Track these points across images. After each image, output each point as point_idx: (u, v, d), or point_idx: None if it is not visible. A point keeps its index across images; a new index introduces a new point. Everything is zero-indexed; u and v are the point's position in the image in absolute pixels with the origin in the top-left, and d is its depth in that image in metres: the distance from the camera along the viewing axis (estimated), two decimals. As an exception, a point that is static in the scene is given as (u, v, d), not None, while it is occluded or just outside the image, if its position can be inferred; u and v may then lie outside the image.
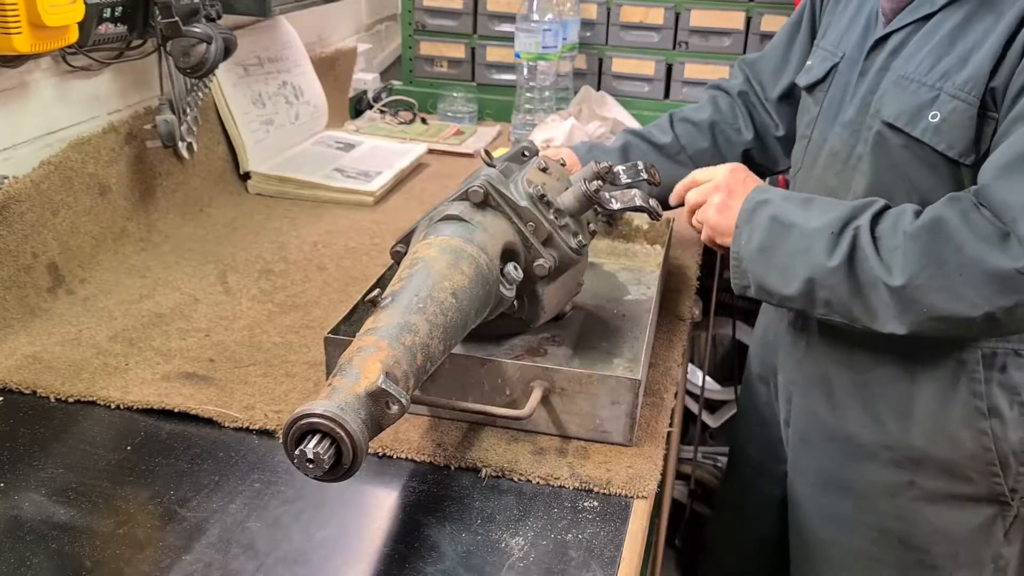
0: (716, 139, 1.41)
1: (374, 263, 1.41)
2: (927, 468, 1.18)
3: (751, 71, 1.44)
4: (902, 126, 1.07)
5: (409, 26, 2.30)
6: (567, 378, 0.96)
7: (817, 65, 1.25)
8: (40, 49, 1.12)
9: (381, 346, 0.79)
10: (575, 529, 0.85)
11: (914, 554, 1.23)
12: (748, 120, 1.42)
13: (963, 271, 0.96)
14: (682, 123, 1.41)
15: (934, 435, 1.16)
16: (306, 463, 0.72)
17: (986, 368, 1.13)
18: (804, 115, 1.29)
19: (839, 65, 1.21)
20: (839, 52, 1.22)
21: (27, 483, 0.89)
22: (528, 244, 1.02)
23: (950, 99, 1.03)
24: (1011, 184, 0.96)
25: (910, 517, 1.21)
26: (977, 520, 1.19)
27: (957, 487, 1.18)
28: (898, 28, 1.12)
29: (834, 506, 1.28)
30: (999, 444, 1.14)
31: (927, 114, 1.05)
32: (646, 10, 2.14)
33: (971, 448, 1.15)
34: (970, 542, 1.21)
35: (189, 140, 1.54)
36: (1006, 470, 1.15)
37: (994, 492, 1.17)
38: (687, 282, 1.40)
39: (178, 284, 1.32)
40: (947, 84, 1.04)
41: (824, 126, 1.21)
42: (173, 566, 0.79)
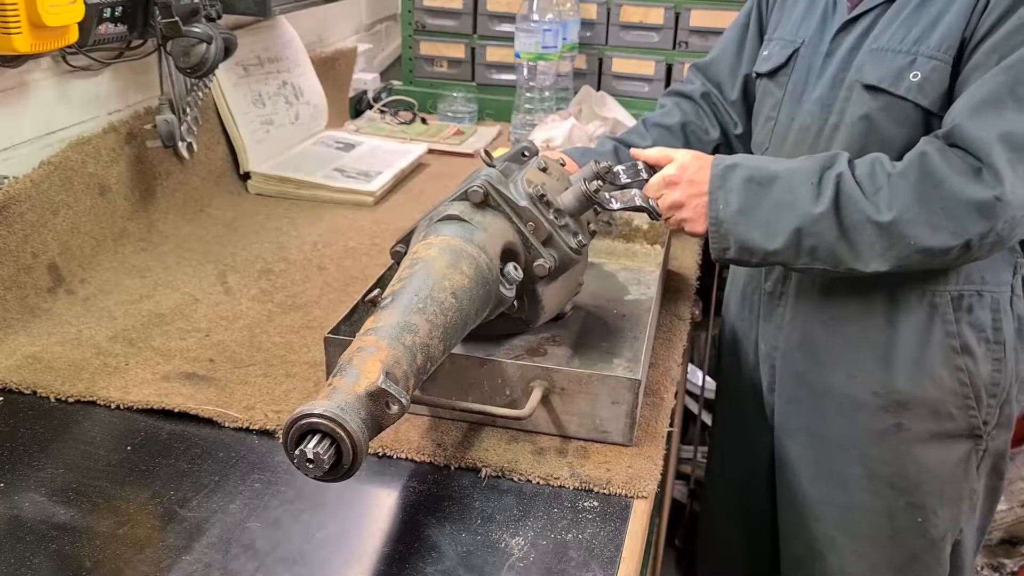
0: (688, 139, 1.46)
1: (374, 263, 1.41)
2: (912, 409, 1.26)
3: (706, 75, 1.51)
4: (887, 87, 1.16)
5: (409, 26, 2.30)
6: (567, 378, 0.96)
7: (777, 53, 1.34)
8: (40, 49, 1.12)
9: (381, 346, 0.79)
10: (575, 529, 0.85)
11: (903, 496, 1.30)
12: (714, 119, 1.48)
13: (945, 203, 1.06)
14: (656, 128, 1.46)
15: (916, 376, 1.25)
16: (306, 463, 0.72)
17: (955, 310, 1.23)
18: (767, 99, 1.36)
19: (800, 50, 1.30)
20: (798, 38, 1.31)
21: (27, 483, 0.89)
22: (528, 244, 1.02)
23: (927, 60, 1.13)
24: (981, 122, 1.06)
25: (898, 460, 1.29)
26: (957, 455, 1.28)
27: (940, 424, 1.26)
28: (866, 10, 1.22)
29: (825, 463, 1.34)
30: (973, 379, 1.25)
31: (908, 75, 1.14)
32: (646, 10, 2.14)
33: (950, 385, 1.24)
34: (952, 478, 1.30)
35: (189, 140, 1.54)
36: (979, 404, 1.26)
37: (971, 426, 1.27)
38: (687, 282, 1.40)
39: (178, 284, 1.32)
40: (922, 48, 1.14)
41: (791, 106, 1.30)
42: (173, 566, 0.79)
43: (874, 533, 1.34)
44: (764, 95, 1.38)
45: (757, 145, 1.39)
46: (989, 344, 1.24)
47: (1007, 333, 1.25)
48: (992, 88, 1.07)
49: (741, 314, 1.47)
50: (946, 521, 1.32)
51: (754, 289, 1.42)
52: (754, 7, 1.46)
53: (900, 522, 1.32)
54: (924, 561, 1.34)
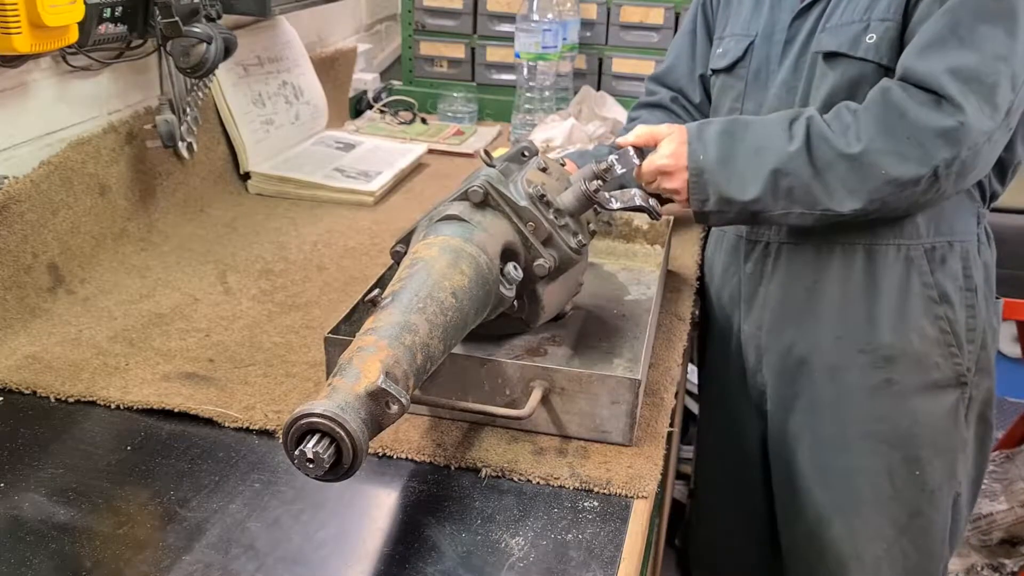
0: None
1: (374, 263, 1.41)
2: (900, 362, 1.30)
3: (665, 84, 1.56)
4: (845, 51, 1.22)
5: (409, 26, 2.30)
6: (567, 378, 0.96)
7: (732, 48, 1.38)
8: (40, 49, 1.12)
9: (381, 346, 0.79)
10: (575, 529, 0.85)
11: (899, 451, 1.34)
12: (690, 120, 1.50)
13: (910, 132, 1.12)
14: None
15: (901, 329, 1.29)
16: (306, 463, 0.72)
17: (930, 261, 1.28)
18: (727, 92, 1.41)
19: (755, 41, 1.35)
20: (751, 32, 1.36)
21: (27, 483, 0.89)
22: (528, 244, 1.02)
23: (880, 23, 1.20)
24: (931, 60, 1.13)
25: (892, 415, 1.33)
26: (946, 405, 1.33)
27: (927, 375, 1.31)
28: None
29: (821, 429, 1.37)
30: (953, 326, 1.30)
31: (864, 38, 1.21)
32: (646, 10, 2.14)
33: (933, 334, 1.29)
34: (943, 428, 1.34)
35: (189, 140, 1.54)
36: (961, 350, 1.30)
37: (956, 373, 1.31)
38: (687, 282, 1.40)
39: (178, 284, 1.32)
40: (874, 14, 1.21)
41: (756, 95, 1.35)
42: (173, 566, 0.79)
43: (876, 494, 1.36)
44: (724, 89, 1.42)
45: None
46: (963, 291, 1.29)
47: (977, 280, 1.31)
48: (935, 30, 1.14)
49: (721, 303, 1.49)
50: (941, 472, 1.35)
51: (733, 274, 1.45)
52: (698, 12, 1.52)
53: (899, 479, 1.35)
54: (926, 514, 1.37)
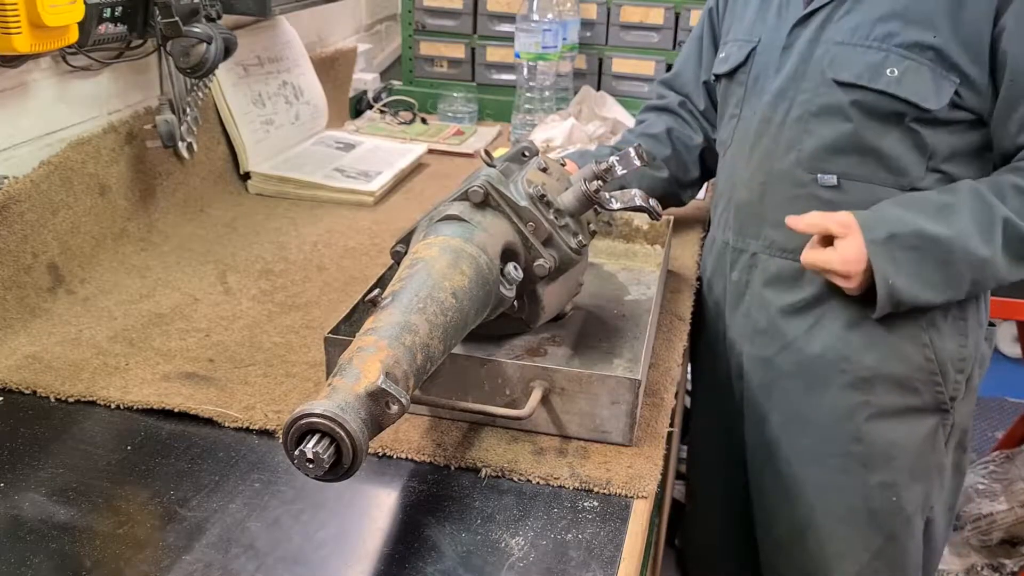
0: (675, 145, 1.51)
1: (374, 263, 1.41)
2: (879, 385, 1.29)
3: (673, 88, 1.55)
4: (865, 83, 1.19)
5: (409, 26, 2.30)
6: (567, 378, 0.96)
7: (734, 53, 1.37)
8: (40, 49, 1.12)
9: (381, 346, 0.79)
10: (575, 529, 0.85)
11: (875, 475, 1.32)
12: (696, 126, 1.53)
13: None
14: (642, 137, 1.51)
15: (883, 352, 1.27)
16: (306, 463, 0.72)
17: None
18: (729, 99, 1.39)
19: (757, 47, 1.33)
20: (754, 37, 1.34)
21: (27, 483, 0.89)
22: (528, 244, 1.02)
23: (901, 59, 1.17)
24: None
25: (868, 437, 1.31)
26: (924, 430, 1.31)
27: (907, 400, 1.29)
28: (822, 5, 1.25)
29: (795, 443, 1.36)
30: (939, 354, 1.27)
31: (884, 71, 1.18)
32: (646, 10, 2.14)
33: (916, 360, 1.27)
34: (920, 453, 1.32)
35: (189, 140, 1.54)
36: (946, 378, 1.29)
37: (937, 401, 1.30)
38: (687, 282, 1.40)
39: (178, 284, 1.32)
40: (892, 45, 1.18)
41: (753, 102, 1.33)
42: (173, 566, 0.79)
43: (850, 513, 1.36)
44: (726, 95, 1.41)
45: (721, 143, 1.43)
46: (954, 320, 1.27)
47: (969, 309, 1.29)
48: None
49: (710, 306, 1.49)
50: (917, 497, 1.34)
51: (720, 279, 1.44)
52: (706, 19, 1.51)
53: (875, 502, 1.34)
54: (901, 540, 1.36)
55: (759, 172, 1.32)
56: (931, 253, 1.17)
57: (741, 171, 1.35)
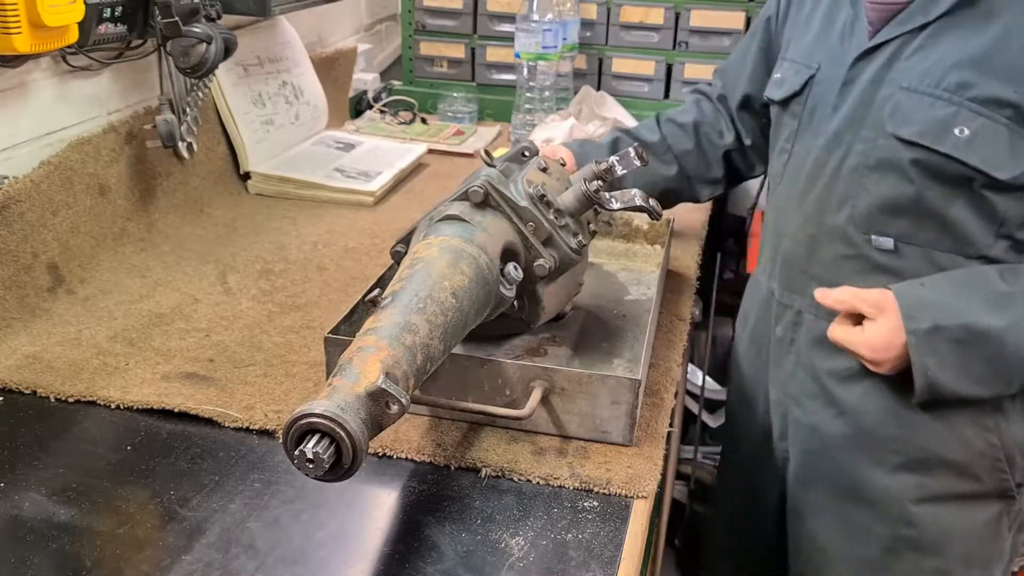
0: (700, 140, 1.41)
1: (374, 263, 1.41)
2: (937, 469, 1.17)
3: (723, 79, 1.44)
4: (928, 143, 1.05)
5: (409, 26, 2.30)
6: (567, 378, 0.96)
7: (790, 78, 1.23)
8: (40, 49, 1.12)
9: (381, 346, 0.79)
10: (575, 529, 0.85)
11: (929, 561, 1.21)
12: (730, 124, 1.42)
13: None
14: (668, 123, 1.42)
15: (941, 434, 1.15)
16: (306, 463, 0.72)
17: None
18: (781, 130, 1.27)
19: (816, 76, 1.19)
20: (813, 63, 1.20)
21: (27, 483, 0.89)
22: (528, 244, 1.02)
23: (974, 116, 1.02)
24: None
25: (922, 521, 1.19)
26: (985, 517, 1.19)
27: (966, 486, 1.17)
28: (889, 39, 1.10)
29: (844, 516, 1.25)
30: (1004, 439, 1.14)
31: (952, 130, 1.03)
32: (646, 10, 2.14)
33: (979, 446, 1.14)
34: (980, 540, 1.20)
35: (189, 140, 1.54)
36: (1012, 465, 1.16)
37: (1002, 488, 1.17)
38: (687, 282, 1.40)
39: (178, 284, 1.32)
40: (966, 99, 1.02)
41: (807, 140, 1.20)
42: (173, 566, 0.79)
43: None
44: (778, 124, 1.28)
45: (773, 176, 1.31)
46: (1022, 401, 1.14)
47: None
48: None
49: (750, 356, 1.39)
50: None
51: (764, 333, 1.33)
52: (761, 26, 1.37)
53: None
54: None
55: (808, 224, 1.19)
56: (980, 348, 1.04)
57: (790, 219, 1.23)
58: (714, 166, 1.42)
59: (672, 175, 1.40)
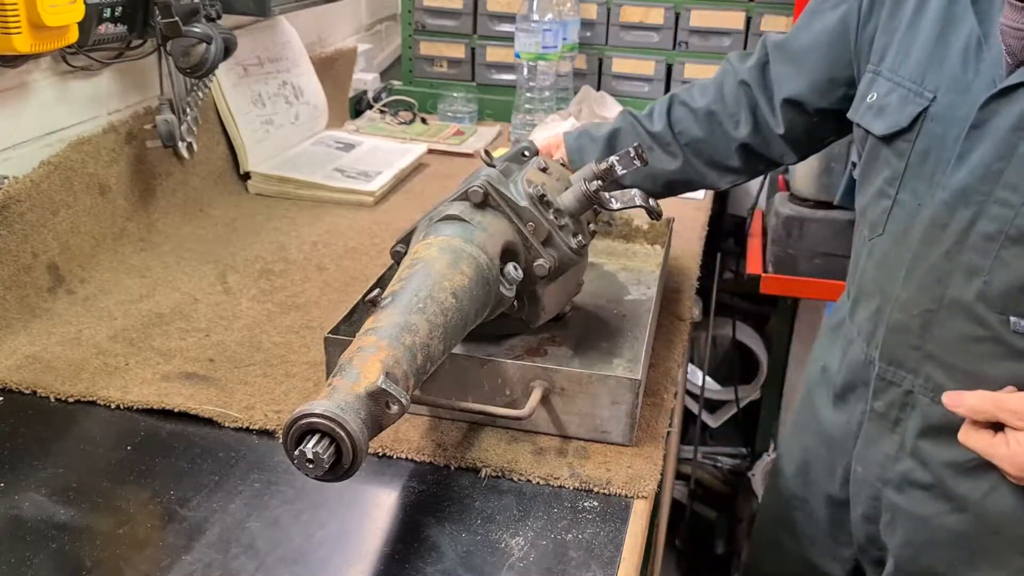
0: (713, 130, 1.22)
1: (374, 263, 1.41)
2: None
3: (773, 55, 1.19)
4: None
5: (409, 26, 2.30)
6: (567, 378, 0.96)
7: (894, 106, 1.00)
8: (40, 49, 1.12)
9: (381, 346, 0.79)
10: (575, 529, 0.85)
11: None
12: (749, 114, 1.21)
13: None
14: (681, 107, 1.24)
15: None
16: (306, 463, 0.72)
17: None
18: (880, 167, 1.05)
19: (930, 109, 0.96)
20: (926, 91, 0.97)
21: (27, 483, 0.89)
22: (528, 244, 1.02)
23: None
24: None
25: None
26: None
27: None
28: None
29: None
30: None
31: None
32: (646, 10, 2.14)
33: None
34: None
35: (189, 140, 1.54)
36: None
37: None
38: (687, 282, 1.40)
39: (178, 284, 1.32)
40: None
41: (918, 187, 0.98)
42: (173, 566, 0.79)
43: None
44: (877, 160, 1.05)
45: (871, 223, 1.08)
46: None
47: None
48: None
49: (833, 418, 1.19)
50: None
51: (857, 400, 1.13)
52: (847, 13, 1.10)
53: None
54: None
55: (924, 296, 0.99)
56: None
57: (898, 282, 1.02)
58: (729, 157, 1.24)
59: (676, 167, 1.24)
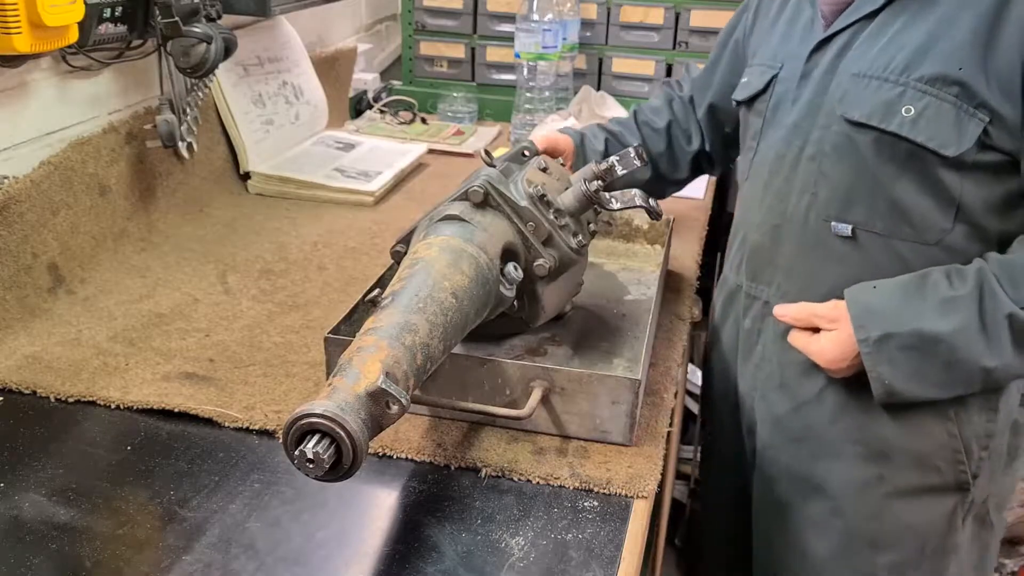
0: (671, 143, 1.44)
1: (374, 263, 1.41)
2: (897, 461, 1.18)
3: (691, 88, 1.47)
4: (876, 123, 1.07)
5: (409, 26, 2.30)
6: (567, 378, 0.96)
7: (755, 79, 1.26)
8: (40, 49, 1.12)
9: (381, 346, 0.79)
10: (575, 529, 0.85)
11: (884, 555, 1.22)
12: (697, 128, 1.45)
13: None
14: (645, 126, 1.45)
15: (902, 426, 1.16)
16: (306, 463, 0.72)
17: None
18: (748, 129, 1.30)
19: (779, 75, 1.22)
20: (777, 63, 1.23)
21: (27, 483, 0.89)
22: (528, 244, 1.02)
23: (920, 95, 1.05)
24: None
25: (880, 515, 1.20)
26: (942, 510, 1.20)
27: (926, 478, 1.18)
28: (841, 29, 1.13)
29: (803, 510, 1.26)
30: (963, 430, 1.16)
31: (899, 109, 1.06)
32: (646, 10, 2.14)
33: (939, 437, 1.16)
34: (936, 533, 1.21)
35: (189, 140, 1.54)
36: (969, 456, 1.17)
37: (958, 480, 1.18)
38: (687, 282, 1.40)
39: (178, 284, 1.32)
40: (911, 79, 1.05)
41: (769, 134, 1.23)
42: (173, 566, 0.79)
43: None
44: (745, 124, 1.31)
45: (739, 175, 1.34)
46: (986, 393, 1.14)
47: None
48: None
49: (721, 351, 1.39)
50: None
51: (732, 324, 1.34)
52: (731, 41, 1.40)
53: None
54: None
55: (772, 214, 1.21)
56: (933, 354, 1.05)
57: (754, 212, 1.25)
58: (682, 168, 1.46)
59: (648, 178, 1.42)
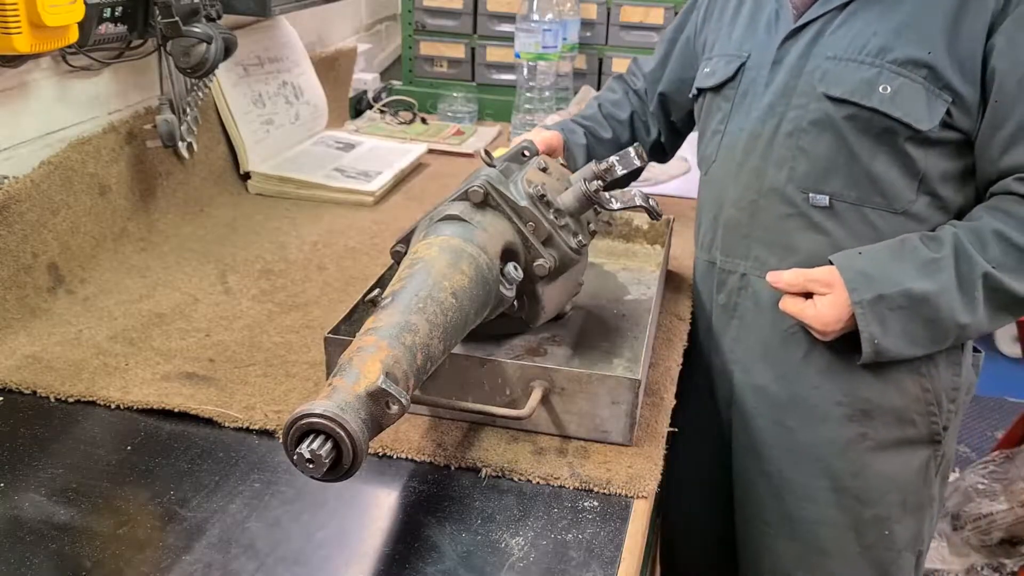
0: (635, 134, 1.49)
1: (374, 263, 1.41)
2: (877, 417, 1.24)
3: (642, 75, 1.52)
4: (857, 100, 1.14)
5: (409, 26, 2.30)
6: (567, 378, 0.96)
7: (722, 68, 1.31)
8: (40, 49, 1.12)
9: (381, 346, 0.79)
10: (575, 529, 0.85)
11: (869, 509, 1.28)
12: (652, 120, 1.50)
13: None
14: (610, 118, 1.48)
15: (881, 384, 1.23)
16: (306, 463, 0.72)
17: None
18: (713, 114, 1.33)
19: (747, 63, 1.27)
20: (743, 52, 1.28)
21: (27, 483, 0.89)
22: (528, 244, 1.02)
23: (894, 76, 1.13)
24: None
25: (863, 471, 1.27)
26: (917, 462, 1.27)
27: (903, 432, 1.25)
28: (813, 19, 1.20)
29: (789, 477, 1.30)
30: (934, 384, 1.24)
31: (877, 87, 1.14)
32: (646, 10, 2.14)
33: (914, 391, 1.23)
34: (913, 485, 1.28)
35: (189, 140, 1.54)
36: (940, 408, 1.25)
37: (931, 432, 1.26)
38: (687, 282, 1.40)
39: (178, 284, 1.32)
40: (886, 62, 1.14)
41: (739, 118, 1.28)
42: (173, 566, 0.79)
43: (842, 549, 1.30)
44: (710, 110, 1.34)
45: (705, 159, 1.36)
46: (951, 350, 1.23)
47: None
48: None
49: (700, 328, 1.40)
50: (909, 531, 1.30)
51: (707, 302, 1.37)
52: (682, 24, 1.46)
53: (867, 537, 1.29)
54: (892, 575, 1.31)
55: (749, 190, 1.26)
56: (919, 313, 1.13)
57: (728, 189, 1.29)
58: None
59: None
